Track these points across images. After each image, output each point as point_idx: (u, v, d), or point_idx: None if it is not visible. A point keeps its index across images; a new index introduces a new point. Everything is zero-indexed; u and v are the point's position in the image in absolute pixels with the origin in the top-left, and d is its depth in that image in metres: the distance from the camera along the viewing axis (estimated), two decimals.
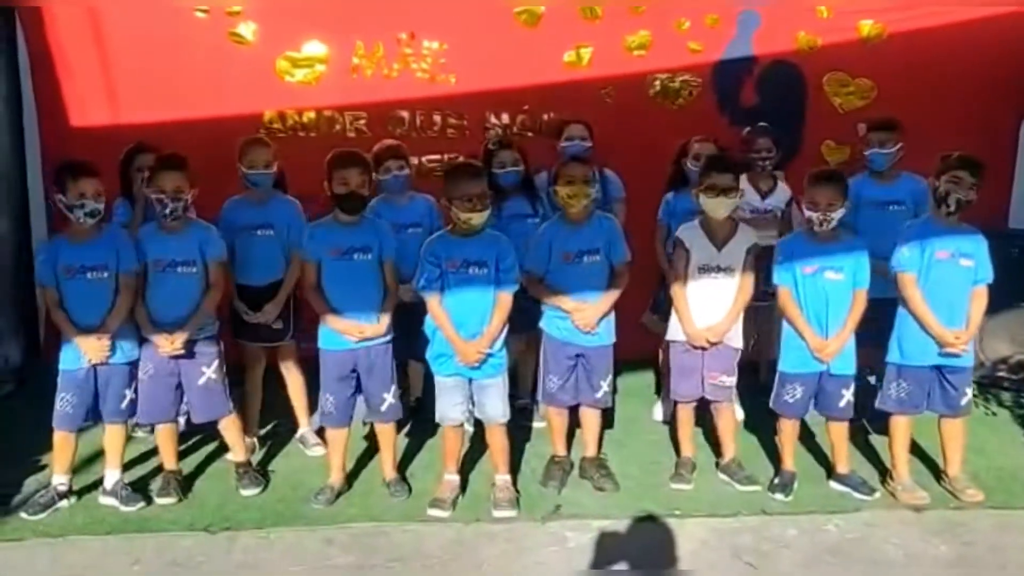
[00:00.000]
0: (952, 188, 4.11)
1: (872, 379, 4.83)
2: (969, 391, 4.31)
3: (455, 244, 4.08)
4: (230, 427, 4.39)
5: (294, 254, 4.48)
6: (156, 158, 4.21)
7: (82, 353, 4.02)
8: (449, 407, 4.18)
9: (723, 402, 4.46)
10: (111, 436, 4.21)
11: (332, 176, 4.12)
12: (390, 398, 4.27)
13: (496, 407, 4.16)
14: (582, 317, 4.24)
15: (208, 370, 4.24)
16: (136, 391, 4.18)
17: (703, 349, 4.33)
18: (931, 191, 4.22)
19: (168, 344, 4.10)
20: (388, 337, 4.25)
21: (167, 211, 4.10)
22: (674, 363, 4.45)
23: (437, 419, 4.24)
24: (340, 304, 4.17)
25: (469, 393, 4.18)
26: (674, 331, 4.42)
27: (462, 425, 4.30)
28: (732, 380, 4.42)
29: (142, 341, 4.19)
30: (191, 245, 4.18)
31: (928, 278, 4.17)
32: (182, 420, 4.57)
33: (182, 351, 4.12)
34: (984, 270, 4.19)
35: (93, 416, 4.16)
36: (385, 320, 4.19)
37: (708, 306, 4.33)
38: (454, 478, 4.26)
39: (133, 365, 4.16)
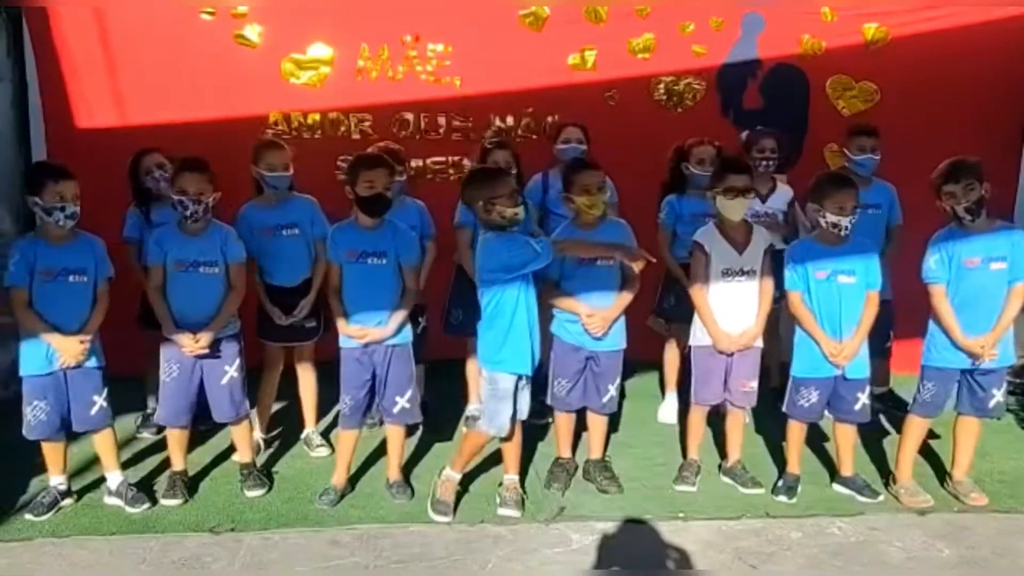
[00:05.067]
0: (952, 203, 4.09)
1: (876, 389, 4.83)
2: (998, 393, 4.24)
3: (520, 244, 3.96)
4: (244, 428, 4.40)
5: (320, 249, 4.56)
6: (180, 160, 4.21)
7: (56, 356, 3.97)
8: (507, 416, 4.06)
9: (746, 406, 4.46)
10: (100, 441, 4.18)
11: (357, 178, 4.10)
12: (403, 402, 4.26)
13: (528, 404, 4.17)
14: (593, 323, 4.25)
15: (231, 369, 4.26)
16: (106, 399, 4.13)
17: (729, 354, 4.33)
18: (941, 211, 4.18)
19: (193, 343, 4.11)
20: (406, 340, 4.25)
21: (188, 213, 4.12)
22: (698, 367, 4.41)
23: (489, 428, 4.09)
24: (353, 306, 4.18)
25: None
26: (698, 336, 4.39)
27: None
28: (756, 383, 4.42)
29: (163, 342, 4.20)
30: (213, 246, 4.21)
31: (959, 288, 4.13)
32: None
33: (206, 351, 4.13)
34: (1020, 267, 4.10)
35: (65, 426, 4.10)
36: (393, 323, 4.18)
37: (733, 310, 4.31)
38: (458, 477, 4.24)
39: (101, 371, 4.11)
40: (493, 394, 4.05)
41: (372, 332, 4.16)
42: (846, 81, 6.11)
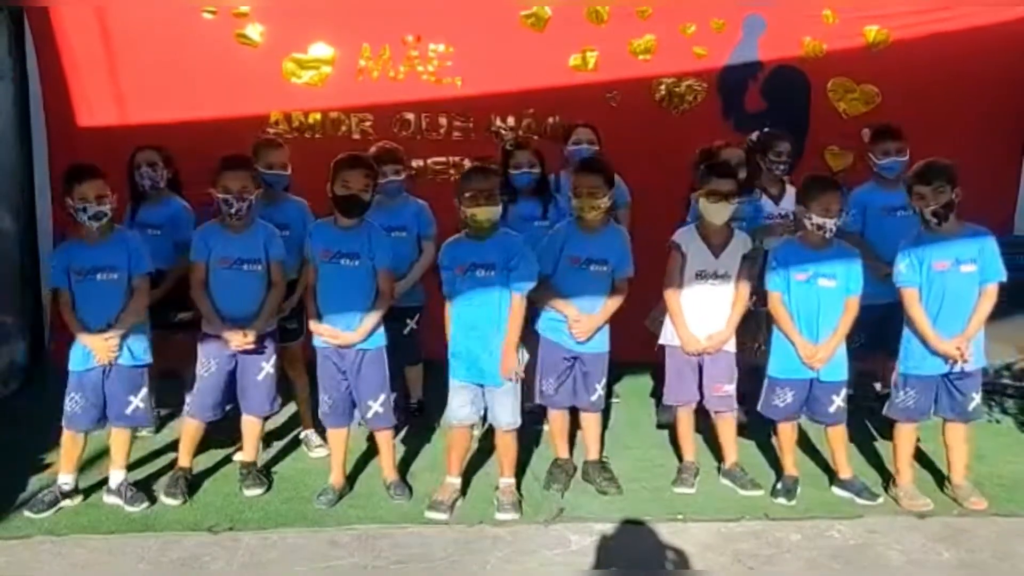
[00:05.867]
0: (920, 205, 4.10)
1: (878, 386, 4.82)
2: (977, 396, 4.28)
3: (464, 247, 4.08)
4: (257, 425, 4.40)
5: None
6: (221, 159, 4.22)
7: (92, 354, 4.03)
8: (456, 407, 4.17)
9: (727, 411, 4.47)
10: (117, 438, 4.21)
11: (335, 177, 4.12)
12: (376, 406, 4.24)
13: (507, 413, 4.15)
14: (580, 327, 4.26)
15: (267, 365, 4.28)
16: (143, 399, 4.16)
17: (698, 355, 4.34)
18: (912, 211, 4.22)
19: (242, 338, 4.12)
20: (377, 344, 4.23)
21: (233, 210, 4.13)
22: (669, 368, 4.45)
23: (446, 419, 4.22)
24: (324, 307, 4.19)
25: (481, 396, 4.17)
26: (669, 335, 4.42)
27: (470, 427, 4.28)
28: (733, 386, 4.43)
29: (201, 338, 4.22)
30: (257, 244, 4.23)
31: (930, 291, 4.15)
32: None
33: (253, 346, 4.15)
34: (989, 270, 4.12)
35: (102, 419, 4.16)
36: (363, 328, 4.16)
37: (704, 312, 4.34)
38: (455, 481, 4.26)
39: (142, 369, 4.15)
40: (450, 387, 4.16)
41: (342, 335, 4.14)
42: (847, 83, 6.13)
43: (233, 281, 4.20)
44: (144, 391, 4.16)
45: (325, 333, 4.16)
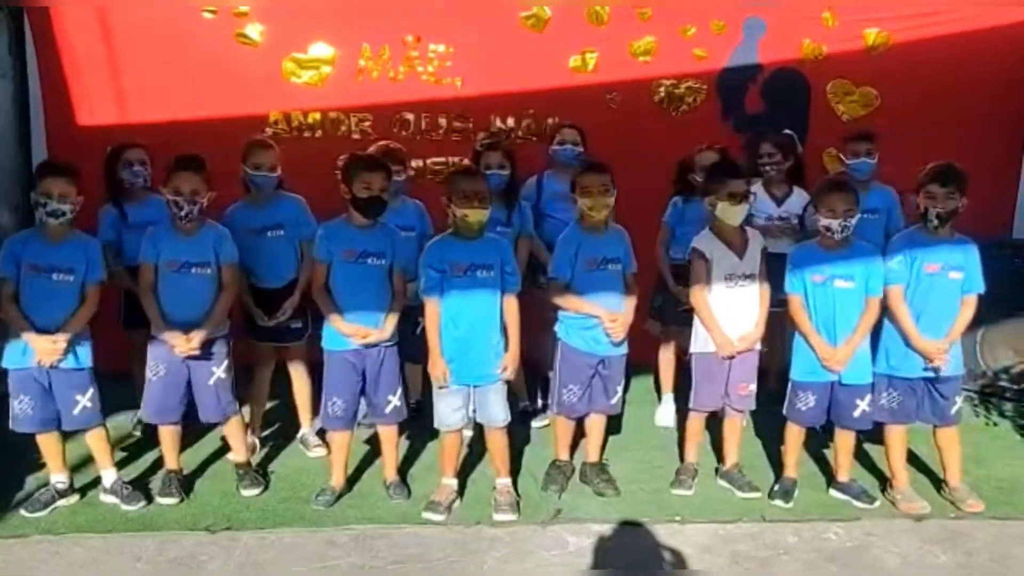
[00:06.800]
0: (929, 203, 4.12)
1: None
2: (959, 400, 4.30)
3: (460, 248, 4.07)
4: (234, 427, 4.38)
5: (307, 250, 4.51)
6: (175, 158, 4.16)
7: (32, 352, 3.95)
8: (448, 413, 4.15)
9: (745, 411, 4.47)
10: (91, 440, 4.18)
11: (354, 179, 4.08)
12: (395, 400, 4.27)
13: (499, 409, 4.16)
14: (616, 327, 4.24)
15: (218, 370, 4.22)
16: (91, 399, 4.08)
17: (731, 358, 4.32)
18: (915, 206, 4.24)
19: (185, 344, 4.07)
20: (395, 339, 4.25)
21: (183, 212, 4.08)
22: (701, 374, 4.39)
23: (436, 425, 4.22)
24: (348, 306, 4.16)
25: (469, 397, 4.18)
26: (701, 343, 4.36)
27: (460, 430, 4.29)
28: (755, 386, 4.43)
29: (151, 341, 4.17)
30: (206, 247, 4.16)
31: (917, 291, 4.18)
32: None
33: (198, 352, 4.11)
34: (973, 280, 4.18)
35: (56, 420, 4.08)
36: (390, 325, 4.19)
37: (737, 315, 4.30)
38: (451, 483, 4.26)
39: (86, 371, 4.06)
40: (435, 391, 4.17)
41: (373, 333, 4.14)
42: (847, 86, 6.13)
43: (181, 284, 4.13)
44: (91, 391, 4.08)
45: (357, 333, 4.13)
